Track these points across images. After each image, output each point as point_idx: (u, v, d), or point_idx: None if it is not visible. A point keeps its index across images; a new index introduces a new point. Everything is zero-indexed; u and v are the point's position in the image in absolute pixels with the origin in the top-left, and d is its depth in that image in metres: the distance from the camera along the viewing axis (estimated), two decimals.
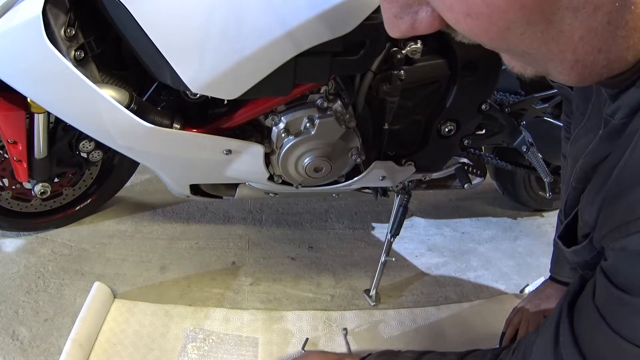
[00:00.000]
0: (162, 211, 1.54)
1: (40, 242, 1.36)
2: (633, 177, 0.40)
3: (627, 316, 0.42)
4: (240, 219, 1.53)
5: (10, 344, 1.07)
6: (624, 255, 0.42)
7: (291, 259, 1.38)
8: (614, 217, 0.42)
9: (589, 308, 0.47)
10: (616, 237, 0.41)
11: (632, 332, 0.42)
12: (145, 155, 1.01)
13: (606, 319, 0.44)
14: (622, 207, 0.41)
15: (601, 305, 0.46)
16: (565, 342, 0.50)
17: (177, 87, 0.85)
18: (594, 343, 0.47)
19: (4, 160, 1.21)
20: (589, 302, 0.48)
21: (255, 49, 0.79)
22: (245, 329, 1.14)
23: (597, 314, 0.46)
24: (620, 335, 0.43)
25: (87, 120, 0.93)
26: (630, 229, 0.39)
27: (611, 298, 0.44)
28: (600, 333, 0.45)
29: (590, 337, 0.47)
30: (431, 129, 1.06)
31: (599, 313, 0.46)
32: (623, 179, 0.41)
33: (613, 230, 0.42)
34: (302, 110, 0.97)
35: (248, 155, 1.00)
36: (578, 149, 0.57)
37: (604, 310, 0.45)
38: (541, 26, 0.33)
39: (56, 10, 0.81)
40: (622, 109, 0.43)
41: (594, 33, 0.34)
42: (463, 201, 1.76)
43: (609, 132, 0.47)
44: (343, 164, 1.06)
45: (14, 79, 0.87)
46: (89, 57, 0.89)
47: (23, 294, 1.20)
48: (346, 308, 1.23)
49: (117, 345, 1.06)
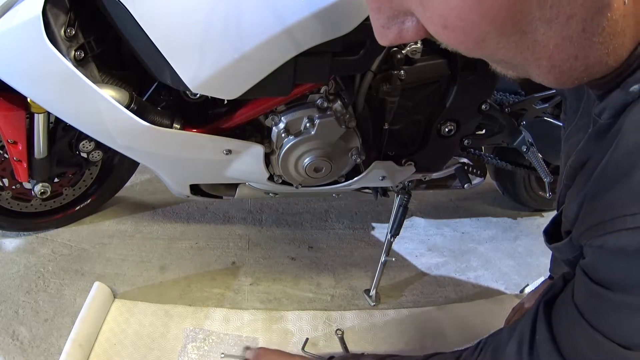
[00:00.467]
0: (162, 211, 1.54)
1: (40, 242, 1.36)
2: (611, 176, 0.40)
3: (606, 312, 0.43)
4: (240, 219, 1.53)
5: (10, 344, 1.07)
6: (602, 253, 0.42)
7: (291, 259, 1.38)
8: (593, 215, 0.42)
9: (568, 306, 0.48)
10: (594, 235, 0.42)
11: (611, 329, 0.42)
12: (145, 155, 1.01)
13: (585, 315, 0.45)
14: (600, 205, 0.41)
15: (580, 302, 0.46)
16: (541, 340, 0.50)
17: (177, 87, 0.85)
18: (572, 341, 0.47)
19: (4, 160, 1.21)
20: (568, 301, 0.48)
21: (255, 49, 0.79)
22: (245, 329, 1.14)
23: (575, 312, 0.46)
24: (600, 331, 0.43)
25: (87, 120, 0.93)
26: (607, 227, 0.39)
27: (590, 295, 0.44)
28: (578, 330, 0.45)
29: (568, 335, 0.47)
30: (431, 129, 1.06)
31: (577, 310, 0.46)
32: (602, 178, 0.42)
33: (591, 229, 0.42)
34: (302, 110, 0.97)
35: (248, 155, 1.00)
36: (570, 147, 0.58)
37: (583, 307, 0.46)
38: (515, 37, 0.34)
39: (56, 10, 0.81)
40: (607, 110, 0.43)
41: (569, 41, 0.35)
42: (463, 201, 1.76)
43: (597, 131, 0.47)
44: (343, 164, 1.06)
45: (14, 79, 0.87)
46: (89, 57, 0.89)
47: (23, 294, 1.20)
48: (346, 308, 1.24)
49: (117, 345, 1.06)
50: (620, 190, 0.39)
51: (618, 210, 0.39)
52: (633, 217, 0.37)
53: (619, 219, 0.38)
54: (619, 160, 0.40)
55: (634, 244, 0.37)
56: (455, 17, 0.33)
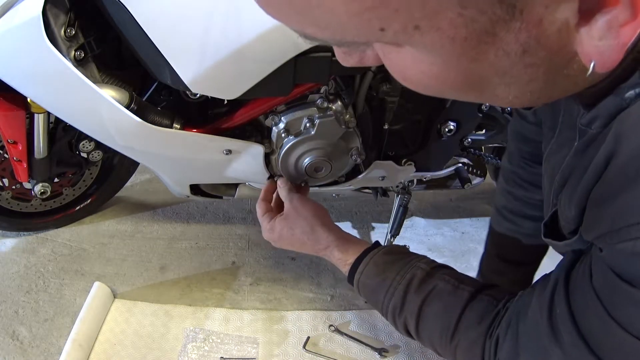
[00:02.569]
0: (162, 211, 1.54)
1: (40, 242, 1.36)
2: (618, 181, 0.39)
3: (626, 305, 0.42)
4: (240, 219, 1.53)
5: (10, 344, 1.07)
6: (620, 254, 0.41)
7: (291, 259, 1.38)
8: (603, 223, 0.41)
9: (586, 287, 0.46)
10: (608, 243, 0.41)
11: (630, 322, 0.41)
12: (145, 155, 1.02)
13: (603, 302, 0.44)
14: (610, 212, 0.40)
15: (599, 287, 0.45)
16: (562, 315, 0.49)
17: (177, 87, 0.85)
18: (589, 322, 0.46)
19: (4, 160, 1.21)
20: (586, 282, 0.47)
21: (255, 49, 0.79)
22: (246, 329, 1.14)
23: (594, 295, 0.45)
24: (618, 322, 0.42)
25: (87, 120, 0.93)
26: (622, 235, 0.38)
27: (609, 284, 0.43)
28: (596, 314, 0.44)
29: (585, 316, 0.46)
30: (431, 129, 1.06)
31: (596, 295, 0.45)
32: (609, 181, 0.40)
33: (603, 236, 0.41)
34: (302, 110, 0.97)
35: (248, 155, 1.00)
36: (554, 164, 0.55)
37: (601, 293, 0.44)
38: (475, 93, 0.35)
39: (56, 10, 0.81)
40: (600, 118, 0.41)
41: (530, 92, 0.35)
42: (463, 201, 1.76)
43: (585, 142, 0.45)
44: (343, 164, 1.06)
45: (14, 79, 0.87)
46: (89, 57, 0.89)
47: (23, 294, 1.20)
48: (346, 308, 1.23)
49: (117, 345, 1.06)
50: (632, 196, 0.37)
51: (630, 217, 0.37)
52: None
53: (634, 227, 0.37)
54: (625, 164, 0.38)
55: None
56: (414, 81, 0.35)
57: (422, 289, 0.68)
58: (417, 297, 0.68)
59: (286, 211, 0.88)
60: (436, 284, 0.68)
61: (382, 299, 0.72)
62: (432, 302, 0.67)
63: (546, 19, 0.28)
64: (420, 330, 0.68)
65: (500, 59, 0.31)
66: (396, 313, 0.70)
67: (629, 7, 0.26)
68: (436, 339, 0.67)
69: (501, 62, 0.31)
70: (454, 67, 0.32)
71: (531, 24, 0.28)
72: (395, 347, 1.11)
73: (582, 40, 0.29)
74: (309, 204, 0.87)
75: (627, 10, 0.27)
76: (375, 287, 0.73)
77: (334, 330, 1.13)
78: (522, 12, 0.28)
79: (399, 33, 0.29)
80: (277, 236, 0.87)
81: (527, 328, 0.54)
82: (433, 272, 0.70)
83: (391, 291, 0.70)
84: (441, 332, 0.66)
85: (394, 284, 0.70)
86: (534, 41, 0.29)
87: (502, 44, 0.29)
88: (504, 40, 0.29)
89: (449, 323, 0.65)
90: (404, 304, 0.69)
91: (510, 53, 0.30)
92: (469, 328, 0.63)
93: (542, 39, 0.29)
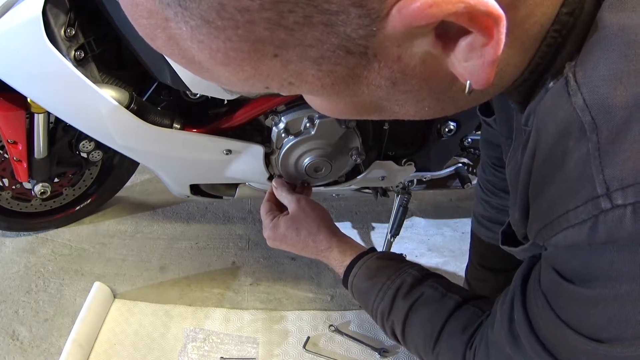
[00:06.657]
0: (162, 211, 1.54)
1: (40, 242, 1.36)
2: (546, 171, 0.38)
3: (572, 305, 0.41)
4: (240, 219, 1.53)
5: (10, 344, 1.07)
6: (557, 250, 0.41)
7: (291, 259, 1.38)
8: (539, 218, 0.41)
9: (537, 292, 0.46)
10: (545, 238, 0.40)
11: (579, 322, 0.41)
12: (145, 155, 1.02)
13: (552, 305, 0.43)
14: (543, 205, 0.40)
15: (546, 290, 0.45)
16: (519, 322, 0.48)
17: (177, 87, 0.85)
18: (544, 326, 0.45)
19: (4, 160, 1.21)
20: (537, 287, 0.46)
21: None
22: (246, 329, 1.14)
23: (544, 299, 0.44)
24: (567, 324, 0.42)
25: (87, 120, 0.93)
26: (555, 228, 0.38)
27: (554, 285, 0.43)
28: (548, 317, 0.44)
29: (540, 322, 0.46)
30: (431, 129, 1.06)
31: (545, 298, 0.44)
32: (537, 174, 0.40)
33: (540, 232, 0.41)
34: (302, 110, 0.97)
35: (248, 155, 1.00)
36: (510, 171, 0.54)
37: (549, 296, 0.44)
38: (376, 114, 0.38)
39: (56, 10, 0.81)
40: (532, 115, 0.40)
41: (428, 107, 0.36)
42: (463, 201, 1.76)
43: (525, 141, 0.44)
44: (343, 164, 1.06)
45: (14, 79, 0.87)
46: (89, 57, 0.89)
47: (23, 294, 1.20)
48: (346, 308, 1.23)
49: (117, 345, 1.06)
50: (557, 185, 0.37)
51: (560, 207, 0.37)
52: (575, 211, 0.35)
53: (563, 217, 0.36)
54: (548, 153, 0.37)
55: (582, 238, 0.35)
56: (323, 111, 0.39)
57: (411, 295, 0.68)
58: (404, 302, 0.68)
59: (292, 212, 0.87)
60: (424, 290, 0.68)
61: (372, 302, 0.72)
62: (419, 309, 0.67)
63: (404, 55, 0.30)
64: (406, 335, 0.69)
65: (375, 91, 0.33)
66: (384, 317, 0.71)
67: (481, 33, 0.28)
68: (420, 346, 0.67)
69: (377, 93, 0.34)
70: (341, 102, 0.36)
71: (390, 61, 0.30)
72: (395, 347, 1.11)
73: (454, 63, 0.31)
74: (317, 207, 0.87)
75: (481, 36, 0.28)
76: (366, 290, 0.74)
77: (334, 330, 1.13)
78: (376, 55, 0.30)
79: (280, 88, 0.33)
80: (280, 235, 0.86)
81: (494, 337, 0.54)
82: (423, 279, 0.70)
83: (381, 295, 0.71)
84: (425, 339, 0.66)
85: (384, 288, 0.71)
86: (399, 74, 0.32)
87: (368, 81, 0.32)
88: (369, 78, 0.32)
89: (432, 330, 0.65)
90: (392, 309, 0.69)
91: (381, 86, 0.33)
92: (451, 337, 0.63)
93: (407, 71, 0.31)
